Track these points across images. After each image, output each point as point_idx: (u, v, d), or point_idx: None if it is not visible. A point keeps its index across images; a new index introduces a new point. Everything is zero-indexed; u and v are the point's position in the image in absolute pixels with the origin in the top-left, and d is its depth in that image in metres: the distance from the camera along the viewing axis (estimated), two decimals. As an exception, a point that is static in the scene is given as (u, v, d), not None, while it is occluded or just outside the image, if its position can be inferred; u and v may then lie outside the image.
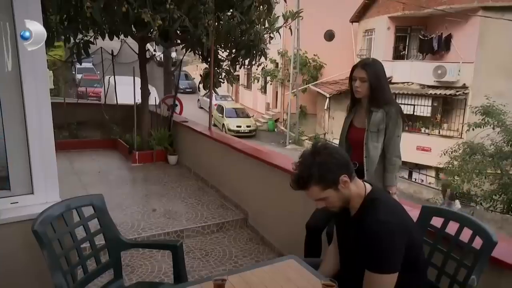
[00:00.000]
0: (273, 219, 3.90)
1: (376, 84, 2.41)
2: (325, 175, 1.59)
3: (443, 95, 14.61)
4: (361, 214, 1.68)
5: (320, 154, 1.61)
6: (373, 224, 1.59)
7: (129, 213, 4.37)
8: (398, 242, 1.58)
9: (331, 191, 1.63)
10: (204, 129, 5.84)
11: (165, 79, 9.93)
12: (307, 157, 1.63)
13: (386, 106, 2.43)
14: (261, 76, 22.40)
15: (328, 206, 1.69)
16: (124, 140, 7.25)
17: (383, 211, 1.62)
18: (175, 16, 4.59)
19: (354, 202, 1.70)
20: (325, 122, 19.05)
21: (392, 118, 2.42)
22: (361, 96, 2.47)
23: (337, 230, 1.95)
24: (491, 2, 13.38)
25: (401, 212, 1.71)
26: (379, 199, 1.68)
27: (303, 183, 1.62)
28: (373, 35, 18.43)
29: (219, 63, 6.96)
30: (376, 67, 2.44)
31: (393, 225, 1.58)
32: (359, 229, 1.66)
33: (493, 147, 8.81)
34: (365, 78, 2.40)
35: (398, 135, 2.44)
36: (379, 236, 1.56)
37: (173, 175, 5.97)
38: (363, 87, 2.42)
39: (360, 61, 2.53)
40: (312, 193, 1.64)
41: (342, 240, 1.89)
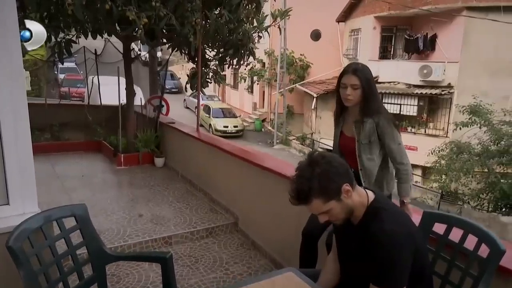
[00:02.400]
0: (264, 223, 3.79)
1: (368, 91, 2.23)
2: (326, 187, 1.49)
3: (428, 94, 14.74)
4: (365, 223, 1.59)
5: (318, 164, 1.50)
6: (379, 234, 1.49)
7: (114, 219, 4.19)
8: (405, 254, 1.50)
9: (334, 203, 1.52)
10: (191, 131, 5.69)
11: (150, 79, 9.72)
12: (305, 169, 1.52)
13: (376, 116, 2.25)
14: (248, 76, 22.29)
15: (332, 219, 1.58)
16: (108, 142, 7.03)
17: (388, 221, 1.52)
18: (161, 14, 4.42)
19: (357, 211, 1.60)
20: (312, 121, 19.04)
21: (384, 128, 2.25)
22: (352, 104, 2.28)
23: (337, 239, 1.84)
24: (475, 2, 13.54)
25: (407, 221, 1.62)
26: (384, 207, 1.59)
27: (304, 197, 1.50)
28: (359, 34, 18.50)
29: (206, 63, 6.81)
30: (367, 73, 2.26)
31: (400, 235, 1.49)
32: (363, 239, 1.56)
33: (479, 146, 8.88)
34: (358, 85, 2.21)
35: (398, 142, 2.28)
36: (386, 248, 1.47)
37: (160, 178, 5.80)
38: (355, 94, 2.23)
39: (348, 66, 2.29)
40: (314, 207, 1.53)
41: (343, 249, 1.79)
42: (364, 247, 1.56)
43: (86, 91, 9.04)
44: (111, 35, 6.19)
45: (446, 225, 1.98)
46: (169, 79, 26.96)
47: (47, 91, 17.95)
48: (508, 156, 8.23)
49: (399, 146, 2.29)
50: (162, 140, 6.63)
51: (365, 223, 1.58)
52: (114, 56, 7.64)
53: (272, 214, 3.64)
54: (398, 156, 2.28)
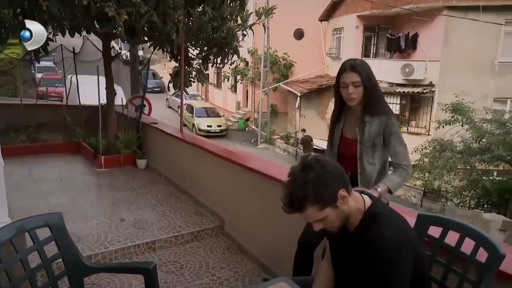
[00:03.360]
0: (251, 225, 3.69)
1: (371, 87, 2.10)
2: (321, 193, 1.39)
3: (411, 93, 14.90)
4: (362, 230, 1.50)
5: (312, 169, 1.41)
6: (378, 241, 1.41)
7: (94, 224, 4.02)
8: (406, 262, 1.42)
9: (329, 210, 1.43)
10: (174, 131, 5.53)
11: (132, 78, 9.48)
12: (299, 174, 1.42)
13: (384, 116, 2.11)
14: (231, 75, 22.14)
15: (327, 227, 1.48)
16: (88, 143, 6.80)
17: (388, 227, 1.44)
18: (142, 11, 4.26)
19: (353, 217, 1.51)
20: (296, 120, 19.02)
21: (392, 128, 2.12)
22: (356, 103, 2.13)
23: (332, 246, 1.75)
24: (455, 1, 13.73)
25: (406, 227, 1.54)
26: (382, 213, 1.51)
27: (298, 205, 1.41)
28: (342, 33, 18.58)
29: (189, 62, 6.64)
30: (366, 67, 2.13)
31: (400, 242, 1.41)
32: (361, 246, 1.48)
33: (462, 144, 8.99)
34: (359, 82, 2.08)
35: (404, 144, 2.16)
36: (386, 256, 1.39)
37: (142, 180, 5.62)
38: (358, 92, 2.09)
39: (345, 63, 2.15)
40: (308, 215, 1.44)
41: (338, 257, 1.70)
42: (361, 254, 1.48)
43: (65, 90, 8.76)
44: (89, 33, 5.96)
45: (442, 228, 1.91)
46: (151, 78, 26.54)
47: (24, 91, 17.41)
48: (490, 154, 8.36)
49: (405, 149, 2.17)
50: (144, 141, 6.45)
51: (363, 230, 1.49)
52: (94, 54, 7.40)
53: (259, 216, 3.54)
54: (403, 157, 2.15)
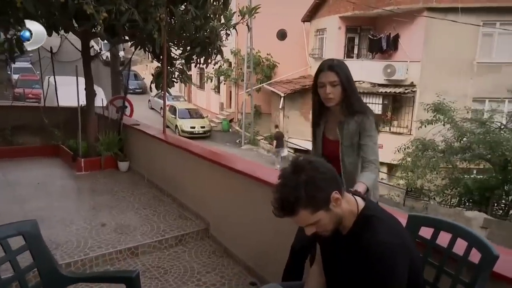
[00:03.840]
0: (237, 228, 3.61)
1: (349, 87, 2.08)
2: (314, 196, 1.33)
3: (392, 93, 15.07)
4: (356, 233, 1.44)
5: (304, 171, 1.35)
6: (373, 246, 1.35)
7: (74, 229, 3.86)
8: (402, 267, 1.37)
9: (322, 213, 1.37)
10: (157, 132, 5.41)
11: (112, 79, 9.26)
12: (290, 177, 1.36)
13: (360, 115, 2.09)
14: (214, 76, 21.99)
15: (319, 231, 1.42)
16: (67, 146, 6.59)
17: (382, 230, 1.39)
18: (123, 9, 4.12)
19: (346, 220, 1.45)
20: (280, 121, 19.02)
21: (367, 130, 2.09)
22: (334, 103, 2.11)
23: (323, 251, 1.69)
24: (435, 3, 13.96)
25: (401, 229, 1.49)
26: (376, 216, 1.45)
27: (290, 208, 1.34)
28: (325, 34, 18.67)
29: (172, 62, 6.51)
30: (344, 67, 2.10)
31: (395, 246, 1.36)
32: (354, 250, 1.42)
33: (443, 143, 9.12)
34: (337, 81, 2.05)
35: (374, 142, 2.12)
36: (381, 261, 1.33)
37: (124, 183, 5.47)
38: (336, 92, 2.07)
39: (322, 63, 2.12)
40: (300, 219, 1.37)
41: (330, 261, 1.63)
42: (355, 259, 1.42)
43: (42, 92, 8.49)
44: (68, 32, 5.78)
45: (433, 229, 1.88)
46: (132, 79, 26.20)
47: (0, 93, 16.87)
48: (471, 152, 8.50)
49: (375, 145, 2.13)
50: (126, 143, 6.28)
51: (356, 233, 1.43)
52: (73, 54, 7.17)
53: (245, 218, 3.46)
54: (370, 153, 2.09)
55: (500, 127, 8.84)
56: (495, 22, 14.02)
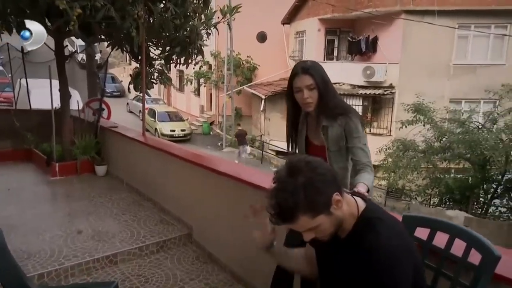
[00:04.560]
0: (221, 233, 3.47)
1: (325, 89, 1.97)
2: (314, 200, 1.22)
3: (372, 94, 15.21)
4: (357, 236, 1.33)
5: (301, 172, 1.23)
6: (375, 249, 1.25)
7: (47, 238, 3.64)
8: (406, 273, 1.27)
9: (323, 217, 1.26)
10: (137, 135, 5.21)
11: (89, 80, 8.94)
12: (286, 180, 1.23)
13: (342, 117, 1.99)
14: (194, 78, 21.75)
15: (318, 236, 1.31)
16: (41, 150, 6.29)
17: (386, 233, 1.28)
18: (98, 5, 3.92)
19: (346, 223, 1.34)
20: (261, 123, 18.95)
21: (353, 132, 1.98)
22: (313, 107, 1.99)
23: (318, 256, 1.57)
24: (412, 6, 14.18)
25: (404, 232, 1.39)
26: (378, 217, 1.34)
27: (289, 215, 1.22)
28: (305, 36, 18.74)
29: (151, 62, 6.32)
30: (319, 69, 1.99)
31: (399, 251, 1.26)
32: (355, 254, 1.31)
33: (424, 143, 9.22)
34: (313, 85, 1.94)
35: (364, 143, 2.02)
36: (385, 266, 1.23)
37: (102, 188, 5.24)
38: (313, 96, 1.96)
39: (296, 66, 2.01)
40: (299, 225, 1.25)
41: (326, 267, 1.52)
42: (355, 263, 1.31)
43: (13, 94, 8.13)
44: (40, 31, 5.53)
45: (429, 229, 1.80)
46: (110, 82, 25.67)
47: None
48: (451, 152, 8.62)
49: (365, 146, 2.03)
50: (103, 146, 6.05)
51: (357, 236, 1.33)
52: (46, 55, 6.87)
53: (230, 221, 3.33)
54: (362, 155, 2.00)
55: (478, 126, 9.01)
56: (470, 25, 14.35)
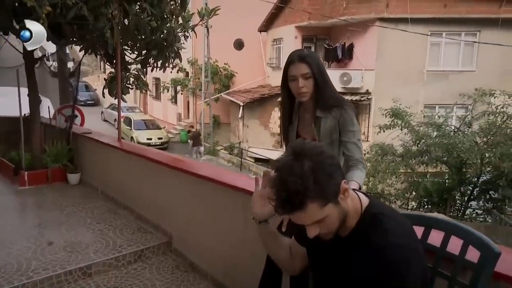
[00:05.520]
0: (202, 239, 3.31)
1: (321, 79, 1.91)
2: (324, 185, 1.10)
3: (349, 100, 15.35)
4: (361, 233, 1.22)
5: (307, 155, 1.11)
6: (383, 248, 1.14)
7: (15, 251, 3.39)
8: (415, 277, 1.16)
9: (331, 207, 1.13)
10: (112, 141, 4.99)
11: (60, 87, 8.61)
12: (293, 163, 1.10)
13: (337, 109, 1.93)
14: (171, 86, 21.48)
15: (323, 232, 1.19)
16: (8, 159, 5.96)
17: (394, 230, 1.17)
18: (69, 3, 3.73)
19: (349, 219, 1.22)
20: (240, 130, 18.84)
21: (348, 125, 1.92)
22: (308, 97, 1.93)
23: (313, 258, 1.46)
24: (386, 14, 14.49)
25: (412, 231, 1.28)
26: (384, 214, 1.23)
27: (298, 201, 1.08)
28: (282, 44, 18.83)
29: (126, 67, 6.11)
30: (315, 58, 1.94)
31: (410, 251, 1.15)
32: (358, 254, 1.20)
33: (402, 147, 9.33)
34: (309, 73, 1.88)
35: (358, 138, 1.97)
36: (393, 267, 1.11)
37: (74, 197, 4.98)
38: (309, 85, 1.89)
39: (292, 55, 1.94)
40: (308, 215, 1.12)
41: (321, 267, 1.40)
42: (358, 264, 1.19)
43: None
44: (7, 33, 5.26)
45: (424, 227, 1.72)
46: (84, 91, 25.09)
47: None
48: (428, 155, 8.74)
49: (359, 141, 1.97)
50: (76, 154, 5.78)
51: (361, 233, 1.22)
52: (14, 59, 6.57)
53: (211, 227, 3.18)
54: (355, 151, 1.94)
55: (454, 130, 9.19)
56: (441, 32, 14.77)
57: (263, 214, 1.46)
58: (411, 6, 13.98)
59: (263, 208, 1.45)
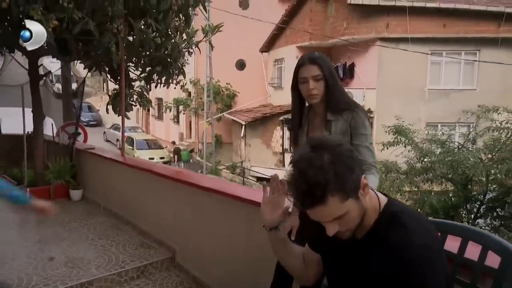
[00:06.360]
0: (207, 254, 3.23)
1: (332, 82, 1.89)
2: (344, 178, 1.05)
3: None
4: (379, 232, 1.16)
5: (327, 148, 1.06)
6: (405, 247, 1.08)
7: (15, 266, 3.31)
8: (438, 276, 1.10)
9: (351, 202, 1.08)
10: (115, 155, 4.97)
11: (64, 104, 8.61)
12: (312, 156, 1.06)
13: (349, 112, 1.90)
14: (173, 106, 21.62)
15: (343, 230, 1.13)
16: (11, 176, 5.91)
17: (416, 229, 1.11)
18: (76, 17, 3.77)
19: (367, 218, 1.17)
20: (242, 150, 18.81)
21: (360, 128, 1.89)
22: (318, 100, 1.91)
23: (326, 260, 1.40)
24: (386, 33, 14.68)
25: (434, 231, 1.22)
26: (405, 212, 1.17)
27: (319, 194, 1.03)
28: (283, 64, 19.02)
29: (130, 83, 6.15)
30: (327, 61, 1.93)
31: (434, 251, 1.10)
32: (377, 254, 1.14)
33: (406, 164, 9.25)
34: (320, 75, 1.87)
35: (370, 142, 1.94)
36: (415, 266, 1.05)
37: (77, 213, 4.91)
38: (319, 87, 1.88)
39: (303, 57, 1.95)
40: (328, 210, 1.07)
41: (337, 272, 1.34)
42: (377, 264, 1.13)
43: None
44: (13, 50, 5.31)
45: (439, 233, 1.66)
46: (86, 111, 25.24)
47: None
48: (433, 173, 8.66)
49: (371, 145, 1.94)
50: (79, 170, 5.74)
51: (381, 232, 1.15)
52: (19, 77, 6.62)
53: (216, 241, 3.11)
54: (368, 155, 1.91)
55: (458, 147, 9.14)
56: (441, 52, 14.91)
57: (273, 220, 1.41)
58: (411, 26, 14.18)
59: (273, 215, 1.41)
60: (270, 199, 1.40)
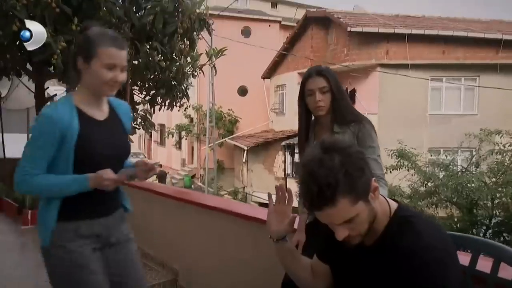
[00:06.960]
0: (211, 275, 3.15)
1: (339, 94, 1.92)
2: (355, 180, 1.04)
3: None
4: (390, 237, 1.13)
5: (337, 150, 1.06)
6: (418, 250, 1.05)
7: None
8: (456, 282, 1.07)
9: (362, 205, 1.07)
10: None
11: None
12: (322, 157, 1.05)
13: (356, 124, 1.92)
14: (175, 131, 21.75)
15: (353, 234, 1.11)
16: (13, 198, 5.89)
17: (429, 234, 1.09)
18: (83, 40, 3.84)
19: (377, 223, 1.14)
20: (244, 175, 18.76)
21: (367, 139, 1.90)
22: (325, 112, 1.93)
23: (335, 271, 1.36)
24: (386, 60, 14.93)
25: (448, 236, 1.20)
26: (416, 217, 1.15)
27: (330, 195, 1.02)
28: (285, 90, 19.26)
29: (134, 106, 6.21)
30: (334, 74, 1.96)
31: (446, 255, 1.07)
32: (388, 260, 1.11)
33: (409, 188, 9.19)
34: (327, 87, 1.89)
35: (378, 154, 1.94)
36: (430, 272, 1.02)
37: (77, 235, 4.84)
38: (326, 99, 1.89)
39: (309, 70, 1.98)
40: (339, 212, 1.05)
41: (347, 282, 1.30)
42: (389, 271, 1.10)
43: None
44: (20, 74, 5.41)
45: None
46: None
47: None
48: (437, 196, 8.58)
49: (379, 157, 1.95)
50: (81, 192, 5.70)
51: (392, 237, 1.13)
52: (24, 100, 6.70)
53: (221, 261, 3.04)
54: (376, 167, 1.89)
55: (462, 170, 9.10)
56: (441, 78, 15.10)
57: (280, 231, 1.39)
58: (411, 52, 14.44)
59: (280, 225, 1.39)
60: (276, 208, 1.39)
